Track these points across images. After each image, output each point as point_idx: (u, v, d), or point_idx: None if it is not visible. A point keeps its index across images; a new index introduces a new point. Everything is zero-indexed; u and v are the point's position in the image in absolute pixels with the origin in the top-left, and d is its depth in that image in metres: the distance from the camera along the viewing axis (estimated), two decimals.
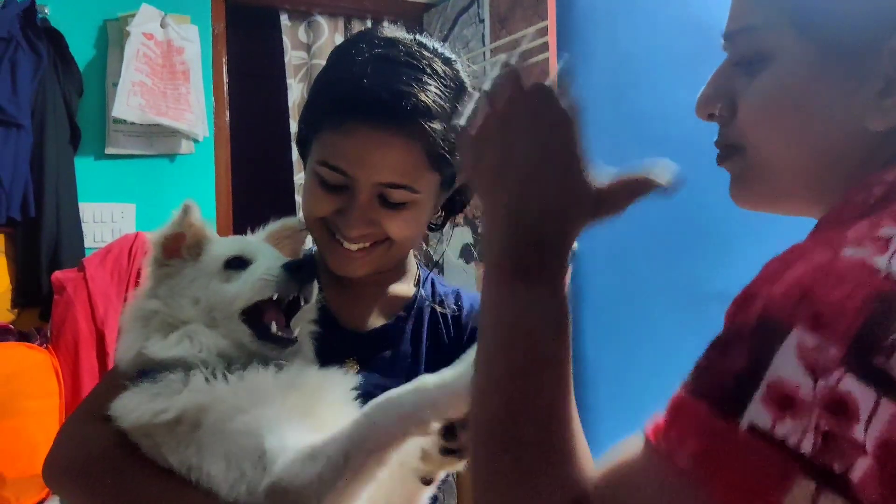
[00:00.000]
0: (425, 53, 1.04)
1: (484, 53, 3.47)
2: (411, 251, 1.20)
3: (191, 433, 0.88)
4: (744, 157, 0.72)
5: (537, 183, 0.65)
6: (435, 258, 2.24)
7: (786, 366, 0.52)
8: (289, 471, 0.82)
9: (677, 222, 2.70)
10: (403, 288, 1.18)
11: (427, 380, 0.81)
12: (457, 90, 1.05)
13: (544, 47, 3.08)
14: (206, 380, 0.90)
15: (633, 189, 0.69)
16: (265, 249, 1.03)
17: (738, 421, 0.52)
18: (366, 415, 0.82)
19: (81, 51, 3.18)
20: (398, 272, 1.17)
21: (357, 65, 1.02)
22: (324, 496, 0.81)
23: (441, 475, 0.94)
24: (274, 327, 0.95)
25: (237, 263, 0.99)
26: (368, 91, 0.98)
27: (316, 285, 1.00)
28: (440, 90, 1.02)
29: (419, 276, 1.19)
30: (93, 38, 3.25)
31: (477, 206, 3.12)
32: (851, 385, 0.50)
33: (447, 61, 1.06)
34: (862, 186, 0.63)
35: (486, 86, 0.68)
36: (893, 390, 0.49)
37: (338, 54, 1.09)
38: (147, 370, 0.93)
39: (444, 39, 3.72)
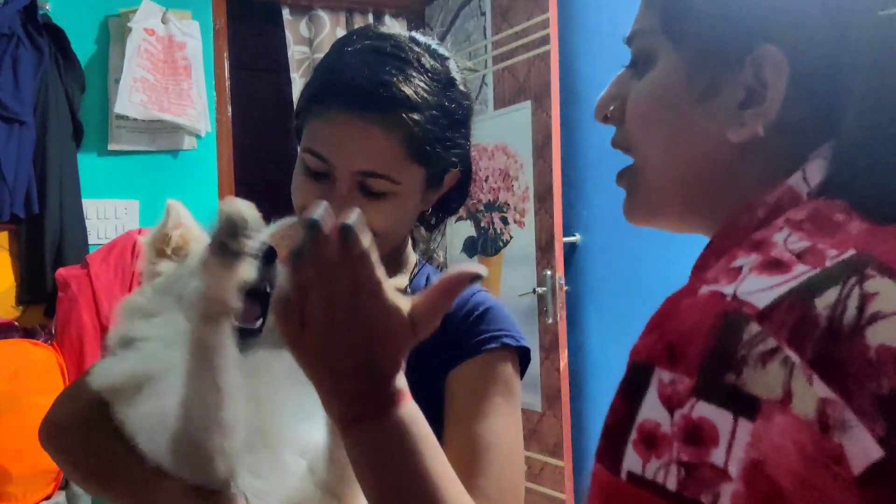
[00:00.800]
0: (415, 48, 1.05)
1: (486, 46, 3.47)
2: (409, 246, 1.20)
3: (135, 397, 0.91)
4: (632, 170, 0.72)
5: (353, 325, 0.68)
6: (436, 254, 2.25)
7: (650, 407, 0.52)
8: (175, 422, 0.85)
9: None
10: (397, 281, 1.18)
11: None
12: (445, 85, 1.05)
13: (545, 39, 3.08)
14: (163, 348, 0.93)
15: (448, 291, 0.71)
16: None
17: (620, 472, 0.52)
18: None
19: (83, 47, 3.19)
20: (394, 265, 1.17)
21: (346, 55, 1.04)
22: (195, 434, 0.84)
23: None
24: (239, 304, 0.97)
25: None
26: (350, 79, 1.00)
27: (280, 271, 1.00)
28: (425, 83, 1.02)
29: (416, 270, 1.19)
30: (94, 34, 3.25)
31: (479, 201, 3.14)
32: (705, 411, 0.49)
33: (438, 57, 1.06)
34: (746, 208, 0.62)
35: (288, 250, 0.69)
36: (748, 408, 0.49)
37: (333, 47, 1.11)
38: (126, 345, 0.97)
39: (446, 33, 3.71)
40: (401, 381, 0.72)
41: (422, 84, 1.02)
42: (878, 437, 0.47)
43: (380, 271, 0.69)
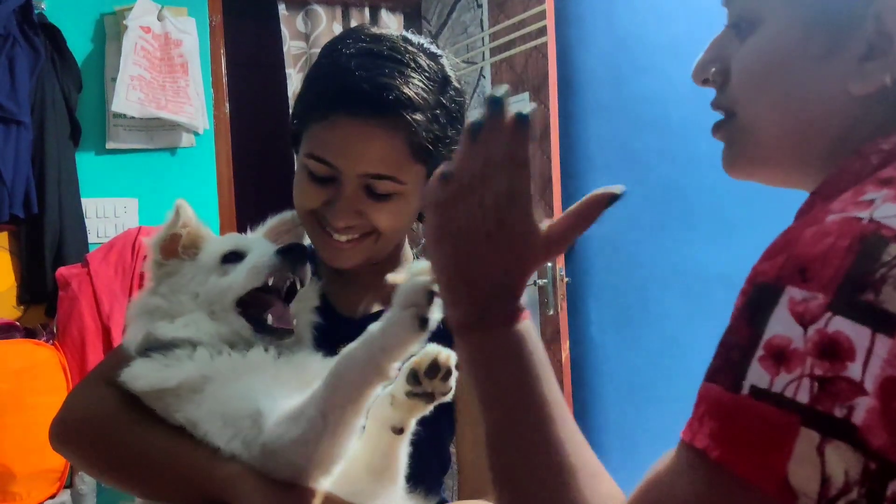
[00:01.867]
0: (409, 48, 1.06)
1: (483, 38, 3.46)
2: (406, 243, 1.21)
3: (192, 396, 0.94)
4: (734, 124, 0.72)
5: (497, 236, 0.68)
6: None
7: (779, 324, 0.51)
8: (276, 431, 0.87)
9: (678, 206, 2.69)
10: (396, 276, 1.19)
11: (372, 328, 0.83)
12: (441, 84, 1.07)
13: (542, 31, 3.07)
14: (210, 356, 0.96)
15: (586, 214, 0.69)
16: (260, 242, 1.07)
17: (741, 388, 0.52)
18: (332, 373, 0.85)
19: (79, 46, 3.18)
20: (394, 262, 1.19)
21: (342, 59, 1.04)
22: (310, 454, 0.86)
23: (412, 424, 0.96)
24: (270, 319, 0.99)
25: (233, 257, 1.03)
26: (352, 84, 1.01)
27: (309, 268, 1.02)
28: (423, 83, 1.04)
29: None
30: (90, 32, 3.24)
31: None
32: (842, 326, 0.49)
33: (432, 56, 1.08)
34: (858, 155, 0.63)
35: (472, 118, 0.68)
36: (887, 325, 0.48)
37: (326, 50, 1.11)
38: (155, 347, 0.99)
39: (443, 25, 3.70)
40: (524, 298, 0.71)
41: (420, 84, 1.03)
42: None
43: (532, 188, 0.68)
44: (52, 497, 2.74)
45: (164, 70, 3.26)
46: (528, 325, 0.70)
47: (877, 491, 0.48)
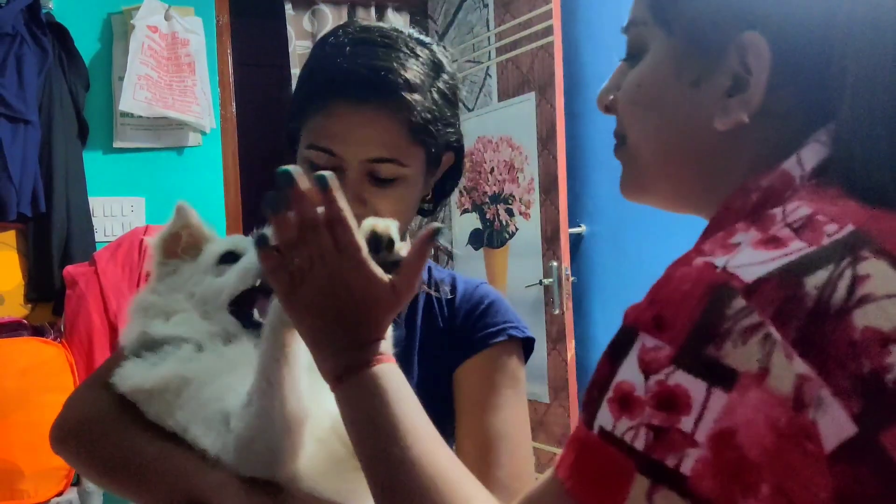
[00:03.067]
0: (401, 36, 1.06)
1: (489, 38, 3.46)
2: (408, 239, 1.21)
3: (176, 399, 0.94)
4: (625, 149, 0.73)
5: (338, 292, 0.72)
6: (447, 247, 2.25)
7: (629, 369, 0.53)
8: (236, 428, 0.88)
9: None
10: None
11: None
12: (435, 68, 1.07)
13: (549, 30, 3.07)
14: (193, 353, 0.97)
15: (419, 252, 0.75)
16: None
17: (593, 426, 0.54)
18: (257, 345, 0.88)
19: (86, 45, 3.19)
20: None
21: (335, 49, 1.04)
22: (266, 441, 0.86)
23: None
24: (256, 314, 0.99)
25: (230, 258, 1.03)
26: (348, 70, 1.01)
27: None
28: (418, 66, 1.04)
29: None
30: (97, 32, 3.25)
31: (485, 192, 3.14)
32: (681, 380, 0.50)
33: (422, 43, 1.08)
34: (740, 192, 0.63)
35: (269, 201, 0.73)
36: (725, 379, 0.49)
37: (317, 46, 1.12)
38: (149, 346, 0.99)
39: (449, 25, 3.71)
40: (385, 346, 0.75)
41: (416, 67, 1.03)
42: (853, 414, 0.48)
43: (359, 237, 0.73)
44: (60, 495, 2.75)
45: (171, 69, 3.27)
46: (387, 368, 0.74)
47: None
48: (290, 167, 0.71)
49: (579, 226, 3.24)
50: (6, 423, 2.62)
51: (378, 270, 0.73)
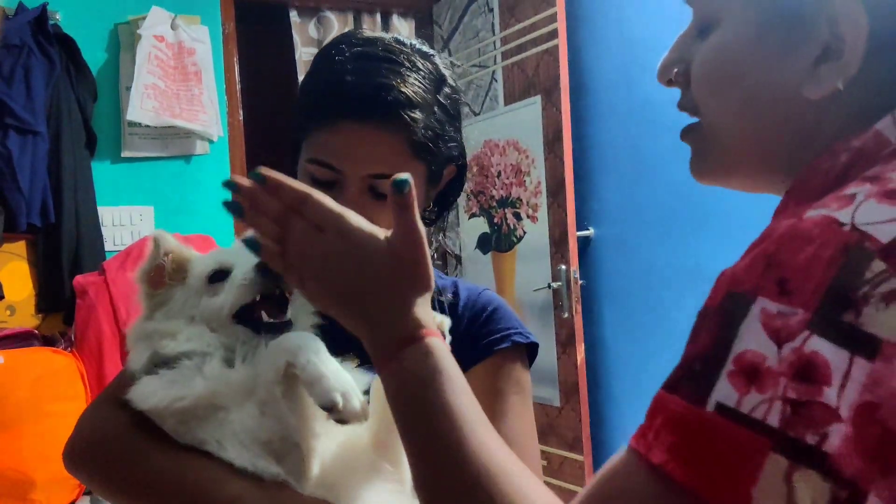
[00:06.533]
0: (403, 49, 1.06)
1: (494, 42, 3.47)
2: None
3: (207, 416, 0.93)
4: (700, 128, 0.71)
5: (341, 263, 0.71)
6: (455, 251, 2.25)
7: (751, 337, 0.49)
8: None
9: (691, 208, 2.69)
10: None
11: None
12: (437, 82, 1.07)
13: (554, 34, 3.07)
14: (221, 368, 0.96)
15: (399, 206, 0.72)
16: (241, 256, 1.05)
17: (706, 403, 0.49)
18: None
19: (93, 55, 3.20)
20: None
21: (337, 63, 1.04)
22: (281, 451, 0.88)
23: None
24: (265, 317, 0.99)
25: (219, 276, 1.03)
26: (351, 87, 1.01)
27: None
28: (420, 82, 1.04)
29: None
30: (104, 42, 3.27)
31: (492, 196, 3.16)
32: (820, 347, 0.47)
33: (425, 55, 1.08)
34: (829, 154, 0.61)
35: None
36: (867, 347, 0.46)
37: (319, 57, 1.12)
38: (162, 363, 0.98)
39: (454, 30, 3.71)
40: (422, 316, 0.71)
41: (417, 82, 1.04)
42: None
43: (336, 206, 0.72)
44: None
45: (177, 78, 3.28)
46: (434, 342, 0.70)
47: None
48: (232, 177, 0.74)
49: (587, 229, 3.23)
50: (18, 432, 2.63)
51: (370, 230, 0.72)
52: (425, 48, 1.10)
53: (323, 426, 0.90)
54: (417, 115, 1.02)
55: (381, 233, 0.72)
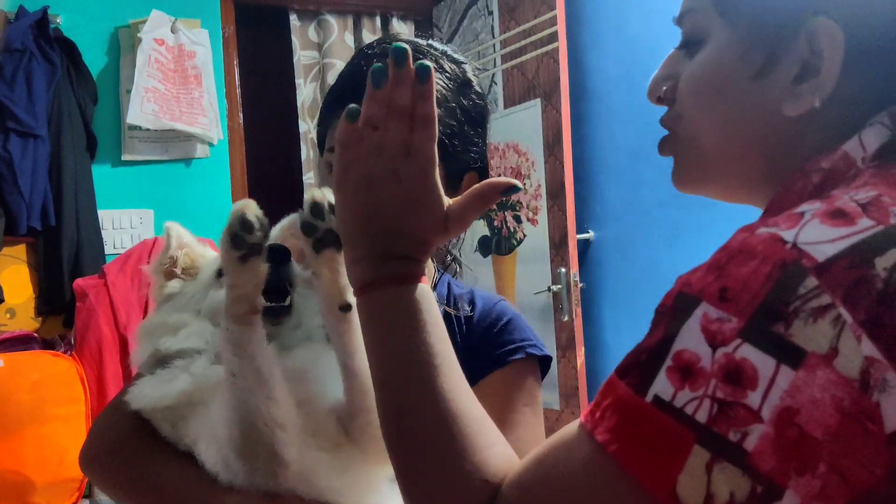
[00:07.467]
0: (432, 51, 1.07)
1: (494, 45, 3.47)
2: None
3: (187, 417, 0.93)
4: (676, 139, 0.73)
5: (392, 187, 0.70)
6: (452, 252, 2.25)
7: (690, 338, 0.53)
8: (224, 429, 0.87)
9: (692, 211, 2.69)
10: None
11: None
12: (462, 85, 1.07)
13: (553, 37, 3.08)
14: (208, 364, 0.95)
15: (484, 196, 0.72)
16: None
17: (647, 394, 0.54)
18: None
19: (94, 59, 3.21)
20: None
21: (365, 58, 1.06)
22: (246, 442, 0.86)
23: (349, 295, 0.91)
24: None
25: None
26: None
27: (294, 266, 1.01)
28: (444, 82, 1.04)
29: (436, 278, 1.20)
30: (105, 46, 3.27)
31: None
32: (749, 354, 0.50)
33: (455, 61, 1.09)
34: (800, 174, 0.63)
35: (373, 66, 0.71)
36: (792, 357, 0.50)
37: (354, 55, 1.13)
38: (161, 362, 0.99)
39: (454, 33, 3.71)
40: (424, 266, 0.72)
41: (441, 82, 1.04)
42: None
43: (436, 150, 0.70)
44: None
45: (178, 81, 3.29)
46: (424, 289, 0.71)
47: None
48: (405, 44, 0.69)
49: (587, 231, 3.24)
50: (18, 436, 2.63)
51: (441, 191, 0.70)
52: (457, 55, 1.11)
53: (289, 415, 0.89)
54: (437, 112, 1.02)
55: (443, 195, 0.71)
